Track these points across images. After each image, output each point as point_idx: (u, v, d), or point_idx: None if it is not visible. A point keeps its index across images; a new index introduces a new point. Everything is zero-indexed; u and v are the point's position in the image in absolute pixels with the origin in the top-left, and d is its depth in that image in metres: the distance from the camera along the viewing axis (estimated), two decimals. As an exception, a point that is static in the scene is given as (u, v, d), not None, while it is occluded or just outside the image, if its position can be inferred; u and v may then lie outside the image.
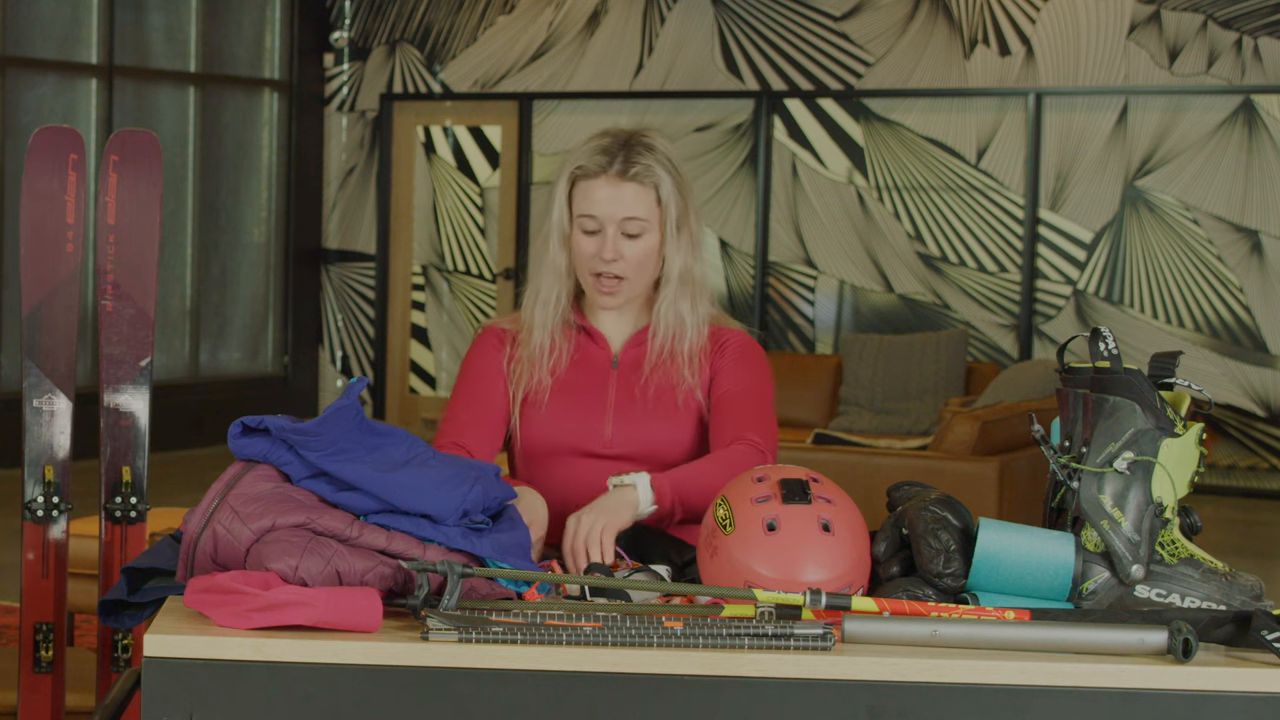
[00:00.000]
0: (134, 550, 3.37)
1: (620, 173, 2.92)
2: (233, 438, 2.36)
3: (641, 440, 2.93)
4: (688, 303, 2.99)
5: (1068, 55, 10.39)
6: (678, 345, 2.97)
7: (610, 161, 2.93)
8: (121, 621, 2.46)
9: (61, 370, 3.35)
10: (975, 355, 10.57)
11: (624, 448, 2.93)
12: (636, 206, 2.92)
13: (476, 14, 11.91)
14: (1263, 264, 9.99)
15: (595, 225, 2.92)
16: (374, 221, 12.25)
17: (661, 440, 2.93)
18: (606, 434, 2.93)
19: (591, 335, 3.01)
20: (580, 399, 2.96)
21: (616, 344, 3.02)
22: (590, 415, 2.95)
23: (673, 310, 2.98)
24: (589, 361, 3.00)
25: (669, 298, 2.98)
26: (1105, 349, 2.34)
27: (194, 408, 11.22)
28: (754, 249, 11.12)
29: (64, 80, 10.68)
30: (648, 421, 2.94)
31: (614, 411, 2.95)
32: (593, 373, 2.99)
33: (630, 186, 2.92)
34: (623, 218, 2.91)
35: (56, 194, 3.35)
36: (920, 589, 2.31)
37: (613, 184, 2.92)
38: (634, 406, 2.95)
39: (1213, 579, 2.29)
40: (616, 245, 2.91)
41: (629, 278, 2.94)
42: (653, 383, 2.96)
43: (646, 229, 2.93)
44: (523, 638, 2.13)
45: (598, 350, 3.01)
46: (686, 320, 2.98)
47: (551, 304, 3.00)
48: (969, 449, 7.35)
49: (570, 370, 2.99)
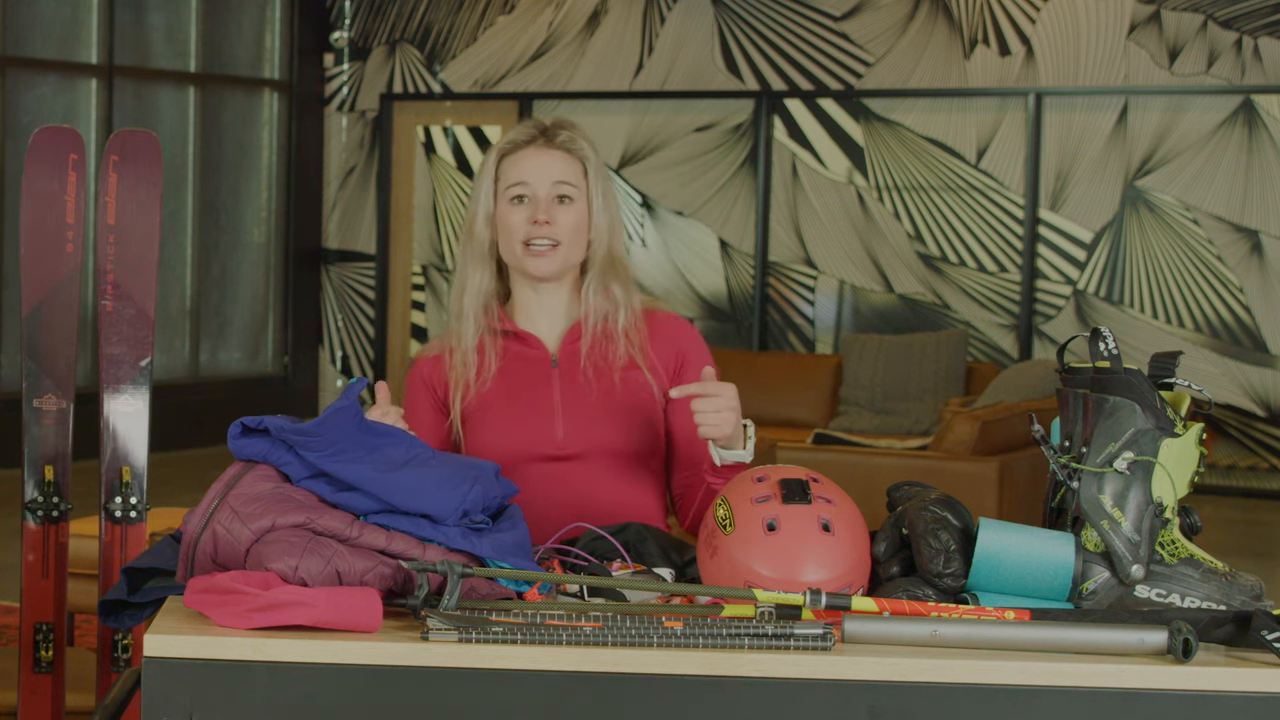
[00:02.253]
0: (134, 550, 3.37)
1: (548, 141, 2.95)
2: (232, 438, 2.36)
3: (595, 437, 2.91)
4: (617, 283, 2.98)
5: (1068, 55, 10.39)
6: (612, 325, 2.96)
7: (538, 133, 2.96)
8: (121, 621, 2.46)
9: (61, 370, 3.35)
10: (975, 355, 10.57)
11: (578, 446, 2.91)
12: (567, 173, 2.94)
13: (476, 14, 11.91)
14: (1263, 264, 9.99)
15: (526, 191, 2.93)
16: (374, 221, 12.25)
17: (615, 434, 2.92)
18: (559, 435, 2.91)
19: (523, 339, 2.99)
20: (525, 404, 2.94)
21: (551, 343, 3.00)
22: (538, 419, 2.92)
23: (603, 291, 2.97)
24: (526, 365, 2.97)
25: (598, 278, 2.97)
26: (1105, 349, 2.34)
27: (194, 408, 11.23)
28: (754, 249, 11.12)
29: (64, 80, 10.68)
30: (599, 417, 2.92)
31: (562, 411, 2.93)
32: (533, 375, 2.96)
33: (559, 154, 2.94)
34: (554, 180, 2.93)
35: (56, 194, 3.35)
36: (920, 589, 2.31)
37: (541, 151, 2.94)
38: (583, 403, 2.93)
39: (1213, 579, 2.29)
40: (550, 209, 2.92)
41: (563, 243, 2.93)
42: (596, 374, 2.95)
43: (577, 196, 2.94)
44: (523, 638, 2.13)
45: (532, 353, 2.98)
46: (619, 299, 2.97)
47: (479, 291, 2.99)
48: (969, 449, 7.35)
49: (508, 377, 2.96)
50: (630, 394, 2.95)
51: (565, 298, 3.00)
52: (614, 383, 2.94)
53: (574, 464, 2.90)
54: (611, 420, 2.92)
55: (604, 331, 2.97)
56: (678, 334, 3.02)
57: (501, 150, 2.97)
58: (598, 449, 2.91)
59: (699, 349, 3.02)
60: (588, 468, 2.90)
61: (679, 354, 3.00)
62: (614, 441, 2.92)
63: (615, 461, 2.92)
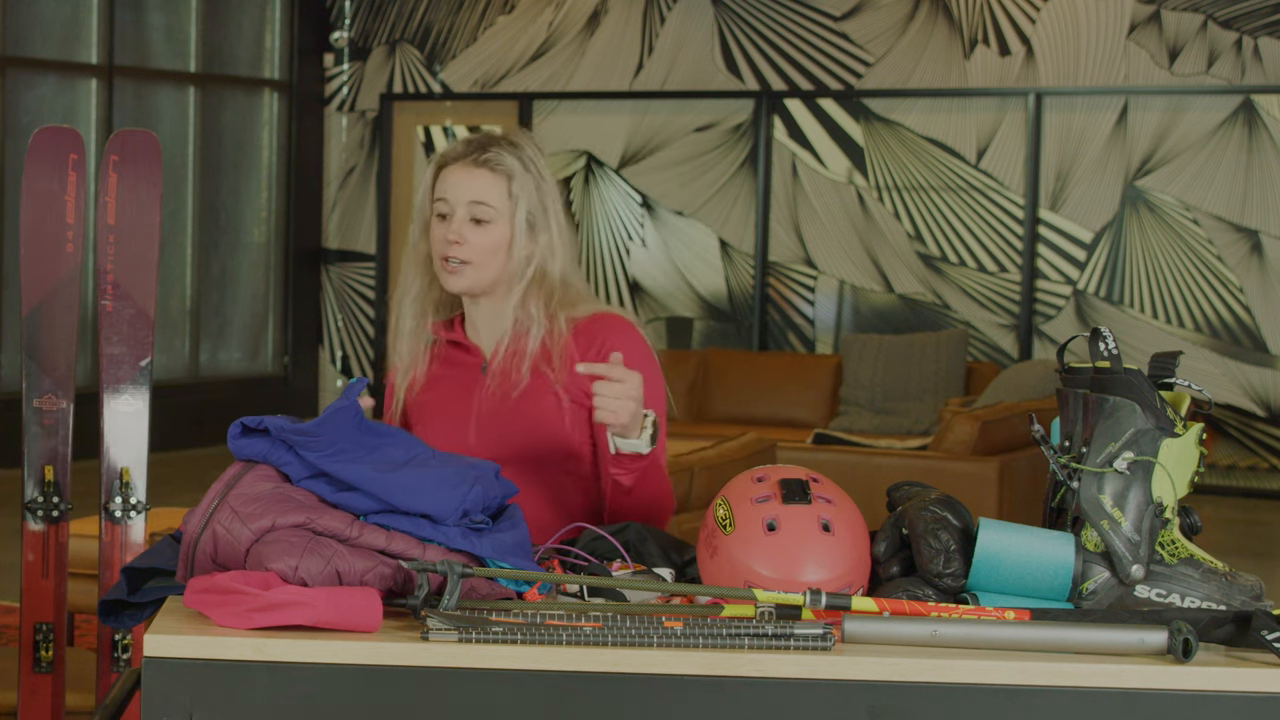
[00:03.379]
0: (134, 550, 3.37)
1: (474, 160, 2.95)
2: (232, 438, 2.36)
3: (506, 443, 2.92)
4: (537, 303, 2.97)
5: (1068, 55, 10.39)
6: (522, 344, 2.97)
7: (469, 150, 2.97)
8: (121, 621, 2.46)
9: (61, 370, 3.35)
10: (975, 355, 10.57)
11: (487, 450, 2.90)
12: (487, 193, 2.94)
13: (476, 14, 11.91)
14: (1263, 264, 9.99)
15: (447, 209, 2.95)
16: (374, 221, 12.25)
17: (525, 441, 2.93)
18: (469, 440, 2.94)
19: (465, 348, 3.03)
20: (446, 409, 2.98)
21: (488, 350, 3.03)
22: (452, 424, 2.96)
23: (522, 308, 2.98)
24: (461, 371, 3.02)
25: (521, 295, 2.98)
26: (1105, 349, 2.34)
27: (194, 408, 11.23)
28: (754, 249, 11.12)
29: (64, 80, 10.68)
30: (511, 423, 2.94)
31: (477, 417, 2.96)
32: (462, 382, 3.01)
33: (482, 173, 2.94)
34: (470, 200, 2.93)
35: (56, 194, 3.35)
36: (920, 589, 2.31)
37: (465, 169, 2.95)
38: (499, 410, 2.95)
39: (1213, 579, 2.29)
40: (461, 229, 2.93)
41: (473, 262, 2.93)
42: (513, 384, 2.97)
43: (495, 218, 2.94)
44: (523, 638, 2.13)
45: (469, 360, 3.02)
46: (534, 315, 2.97)
47: (415, 298, 3.02)
48: (969, 449, 7.35)
49: (440, 384, 3.01)
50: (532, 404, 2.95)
51: (503, 309, 3.01)
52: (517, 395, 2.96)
53: None
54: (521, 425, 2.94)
55: (515, 349, 2.98)
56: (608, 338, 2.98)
57: (437, 163, 3.00)
58: (505, 453, 2.91)
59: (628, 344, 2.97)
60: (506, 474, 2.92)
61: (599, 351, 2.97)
62: (522, 445, 2.94)
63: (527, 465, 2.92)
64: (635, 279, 11.47)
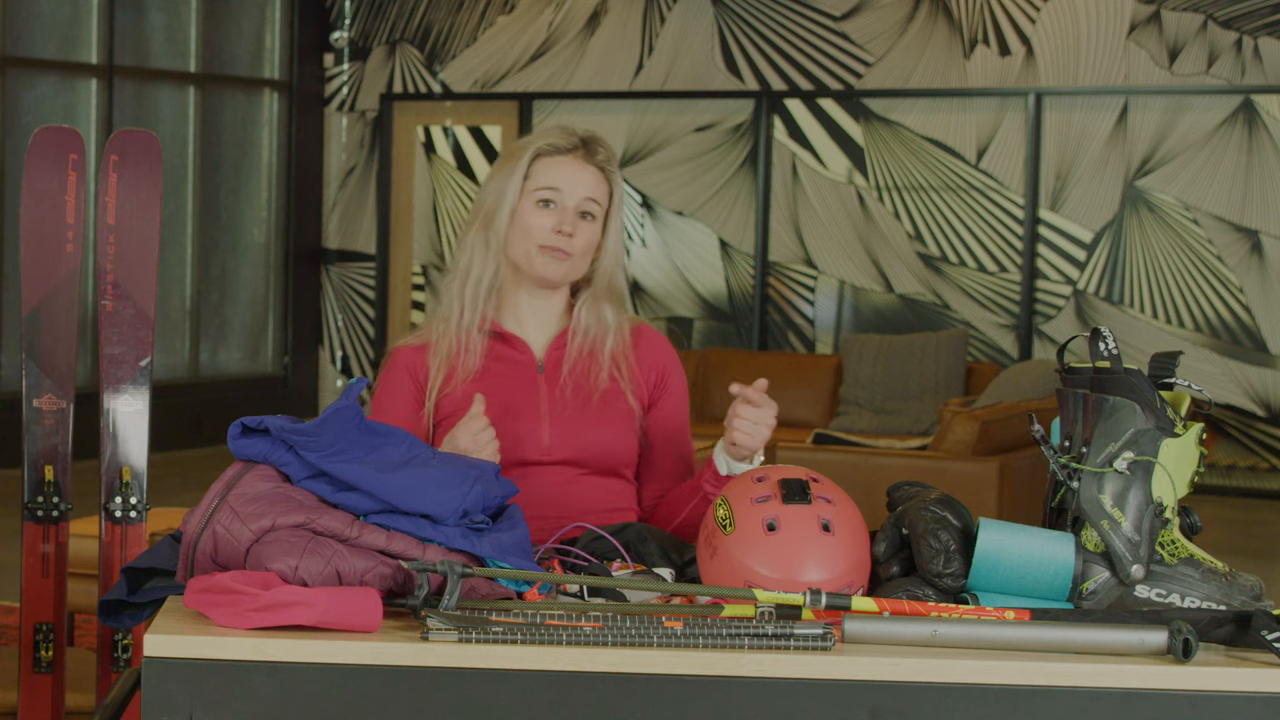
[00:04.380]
0: (134, 550, 3.37)
1: (587, 156, 2.96)
2: (232, 438, 2.36)
3: (579, 444, 2.93)
4: (611, 307, 3.01)
5: (1068, 55, 10.39)
6: (599, 347, 2.98)
7: (579, 144, 2.97)
8: (121, 621, 2.46)
9: (61, 370, 3.35)
10: (975, 355, 10.57)
11: (563, 452, 2.92)
12: (597, 191, 2.96)
13: (476, 14, 11.91)
14: (1263, 264, 9.99)
15: (555, 197, 2.93)
16: (374, 221, 12.25)
17: (599, 443, 2.94)
18: (544, 440, 2.92)
19: (509, 341, 2.99)
20: (511, 406, 2.94)
21: (537, 349, 3.01)
22: (524, 423, 2.93)
23: (594, 312, 2.99)
24: (510, 368, 2.98)
25: (593, 298, 3.00)
26: (1105, 349, 2.34)
27: (194, 408, 11.23)
28: (754, 249, 11.12)
29: (64, 80, 10.68)
30: (584, 423, 2.94)
31: (549, 417, 2.94)
32: (517, 379, 2.97)
33: (594, 171, 2.96)
34: (584, 196, 2.94)
35: (56, 194, 3.35)
36: (920, 589, 2.31)
37: (579, 163, 2.95)
38: (568, 409, 2.95)
39: (1213, 579, 2.29)
40: (575, 221, 2.93)
41: (575, 256, 2.95)
42: (579, 384, 2.97)
43: (599, 215, 2.97)
44: (523, 638, 2.13)
45: (518, 356, 2.99)
46: (609, 324, 3.00)
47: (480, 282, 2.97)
48: (969, 449, 7.35)
49: (491, 377, 2.96)
50: (610, 406, 2.97)
51: (556, 306, 3.02)
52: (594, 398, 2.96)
53: (557, 470, 2.92)
54: (597, 431, 2.95)
55: (590, 351, 2.99)
56: (660, 352, 3.06)
57: (538, 150, 2.96)
58: (580, 456, 2.93)
59: (676, 366, 3.08)
60: (567, 473, 2.93)
61: (661, 371, 3.05)
62: (595, 449, 2.94)
63: (594, 469, 2.94)
64: (635, 279, 11.47)
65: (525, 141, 2.99)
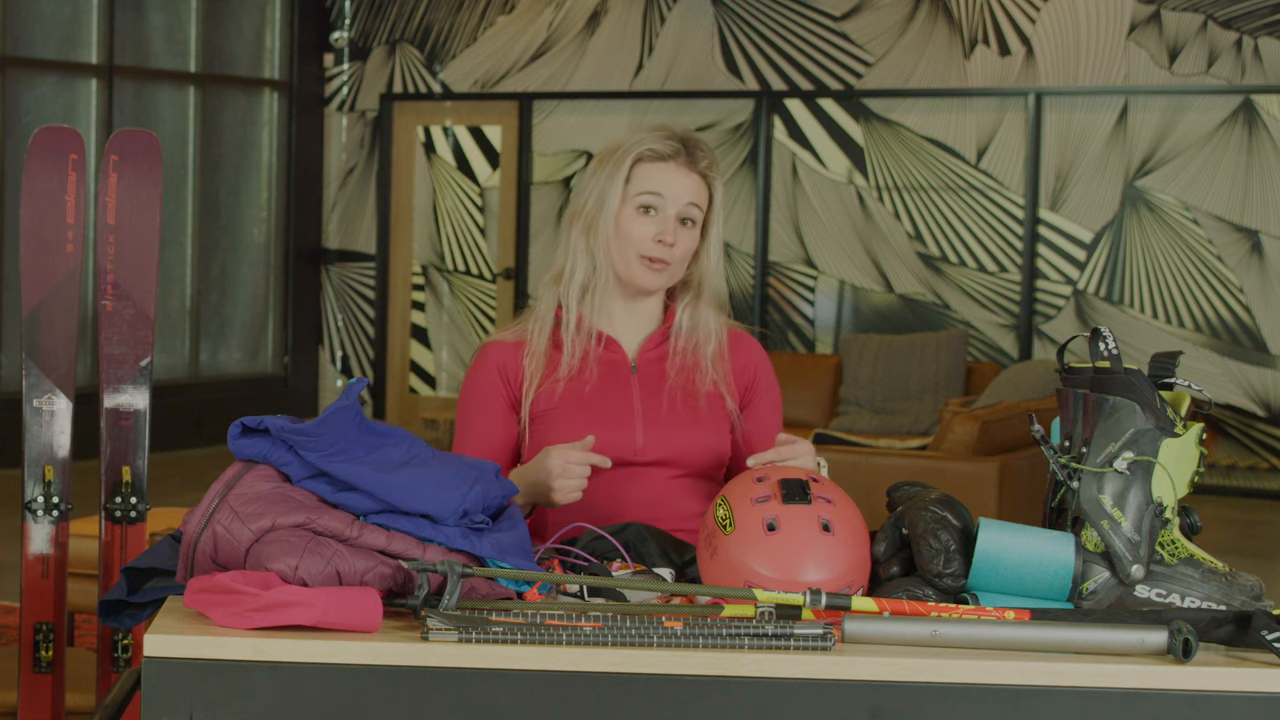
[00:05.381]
0: (134, 550, 3.37)
1: (690, 162, 2.94)
2: (232, 438, 2.36)
3: (673, 445, 2.92)
4: (712, 310, 3.00)
5: (1068, 55, 10.39)
6: (702, 350, 2.98)
7: (680, 149, 2.94)
8: (121, 621, 2.46)
9: (61, 370, 3.35)
10: (975, 355, 10.57)
11: (657, 454, 2.91)
12: (698, 196, 2.94)
13: (476, 14, 11.91)
14: (1263, 264, 9.99)
15: (658, 204, 2.91)
16: (374, 221, 12.25)
17: (693, 444, 2.93)
18: (638, 441, 2.91)
19: (604, 343, 2.98)
20: (604, 407, 2.93)
21: (631, 349, 3.00)
22: (618, 423, 2.91)
23: (697, 315, 2.99)
24: (604, 368, 2.96)
25: (695, 302, 2.99)
26: (1105, 349, 2.34)
27: (194, 408, 11.22)
28: (754, 249, 11.12)
29: (64, 80, 10.68)
30: (678, 426, 2.93)
31: (643, 418, 2.93)
32: (611, 379, 2.96)
33: (696, 177, 2.94)
34: (687, 202, 2.93)
35: (56, 194, 3.35)
36: (920, 589, 2.31)
37: (682, 170, 2.93)
38: (661, 411, 2.94)
39: (1213, 579, 2.29)
40: (675, 229, 2.92)
41: (674, 264, 2.94)
42: (676, 387, 2.96)
43: (697, 221, 2.96)
44: (523, 638, 2.13)
45: (611, 356, 2.97)
46: (711, 327, 2.99)
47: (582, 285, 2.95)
48: (969, 449, 7.35)
49: (584, 378, 2.95)
50: (711, 410, 2.97)
51: (650, 308, 3.02)
52: (697, 400, 2.96)
53: (647, 470, 2.91)
54: (691, 432, 2.94)
55: (693, 355, 2.98)
56: (753, 356, 3.06)
57: (640, 155, 2.93)
58: (674, 458, 2.92)
59: (768, 370, 3.07)
60: (660, 475, 2.92)
61: (753, 375, 3.04)
62: (690, 452, 2.93)
63: (688, 471, 2.93)
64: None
65: (626, 144, 2.95)
